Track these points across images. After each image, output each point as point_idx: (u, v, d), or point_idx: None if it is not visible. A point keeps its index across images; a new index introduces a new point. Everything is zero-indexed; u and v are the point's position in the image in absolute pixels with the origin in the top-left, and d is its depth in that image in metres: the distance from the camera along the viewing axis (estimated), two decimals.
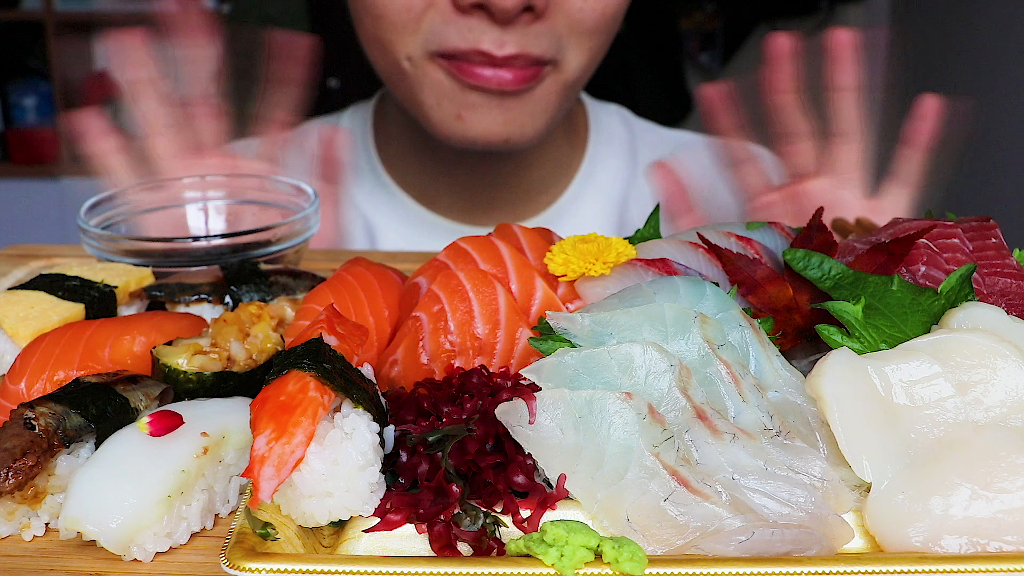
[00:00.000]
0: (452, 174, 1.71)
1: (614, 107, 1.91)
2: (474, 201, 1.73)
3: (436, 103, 1.48)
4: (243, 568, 0.72)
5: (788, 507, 0.78)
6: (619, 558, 0.72)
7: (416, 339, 0.99)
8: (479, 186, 1.72)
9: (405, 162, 1.75)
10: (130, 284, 1.13)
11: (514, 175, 1.71)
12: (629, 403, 0.81)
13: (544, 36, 1.41)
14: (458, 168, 1.70)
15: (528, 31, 1.40)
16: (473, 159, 1.67)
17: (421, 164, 1.73)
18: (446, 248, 1.09)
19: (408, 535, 0.80)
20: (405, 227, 1.74)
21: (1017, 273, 1.01)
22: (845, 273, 0.96)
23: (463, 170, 1.70)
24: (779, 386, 0.89)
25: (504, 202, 1.73)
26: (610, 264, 1.01)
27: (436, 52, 1.42)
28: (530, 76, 1.44)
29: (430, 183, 1.73)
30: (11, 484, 0.80)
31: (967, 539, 0.77)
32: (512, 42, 1.39)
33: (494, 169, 1.69)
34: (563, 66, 1.47)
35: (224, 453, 0.86)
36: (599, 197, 1.77)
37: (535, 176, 1.73)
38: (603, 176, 1.79)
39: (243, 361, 0.97)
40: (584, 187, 1.77)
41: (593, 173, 1.78)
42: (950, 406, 0.84)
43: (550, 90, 1.49)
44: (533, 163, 1.72)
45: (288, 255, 1.30)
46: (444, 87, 1.46)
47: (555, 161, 1.75)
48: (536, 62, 1.42)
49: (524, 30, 1.40)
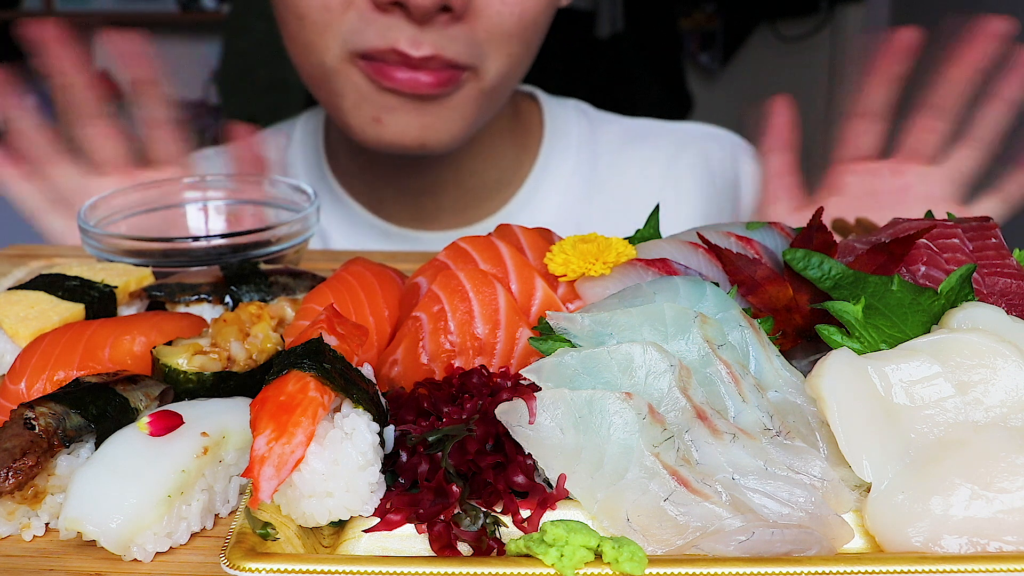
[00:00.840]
0: (395, 180, 1.71)
1: (572, 102, 1.90)
2: (419, 207, 1.73)
3: (354, 105, 1.48)
4: (243, 568, 0.72)
5: (788, 507, 0.78)
6: (619, 558, 0.72)
7: (416, 339, 0.99)
8: (422, 191, 1.72)
9: (351, 169, 1.75)
10: (130, 284, 1.13)
11: (455, 180, 1.71)
12: (629, 403, 0.81)
13: (461, 40, 1.41)
14: (399, 174, 1.70)
15: (445, 33, 1.39)
16: (411, 165, 1.67)
17: (364, 171, 1.73)
18: (446, 248, 1.09)
19: (408, 535, 0.80)
20: (356, 234, 1.74)
21: (1017, 273, 1.01)
22: (845, 273, 0.96)
23: (404, 176, 1.70)
24: (779, 386, 0.89)
25: (450, 206, 1.73)
26: (610, 264, 1.01)
27: (355, 51, 1.42)
28: (446, 80, 1.43)
29: (375, 190, 1.74)
30: (11, 484, 0.80)
31: (967, 539, 0.77)
32: (428, 43, 1.39)
33: (434, 174, 1.69)
34: (482, 73, 1.46)
35: (224, 453, 0.86)
36: (555, 196, 1.77)
37: (480, 180, 1.73)
38: (559, 173, 1.78)
39: (243, 361, 0.97)
40: (539, 186, 1.76)
41: (547, 171, 1.77)
42: (950, 406, 0.84)
43: (468, 96, 1.48)
44: (476, 167, 1.71)
45: (288, 255, 1.30)
46: (362, 90, 1.46)
47: (501, 163, 1.75)
48: (452, 65, 1.42)
49: (441, 31, 1.39)
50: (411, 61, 1.39)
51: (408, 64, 1.40)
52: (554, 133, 1.81)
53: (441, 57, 1.40)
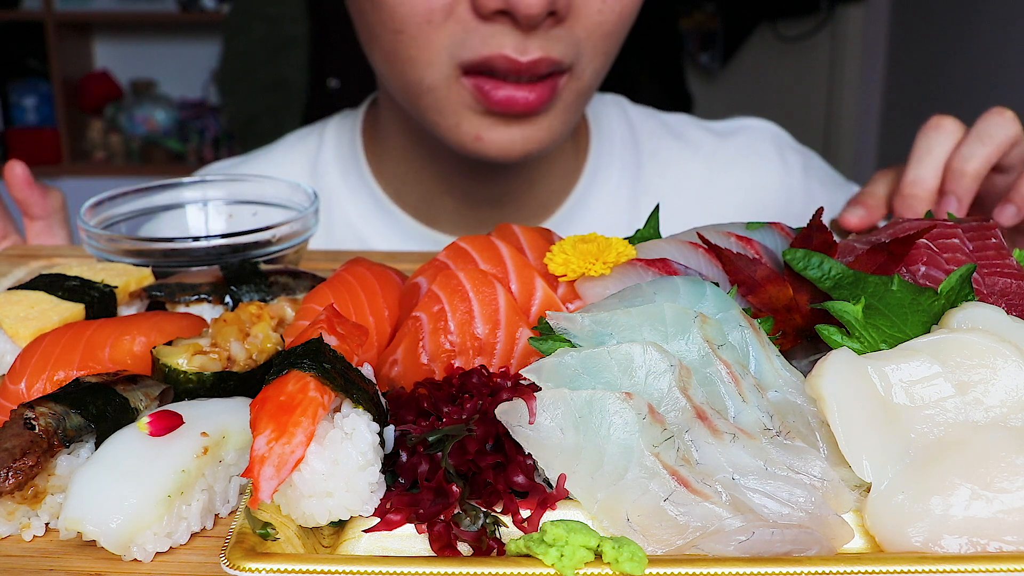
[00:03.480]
0: (458, 189, 1.66)
1: (610, 97, 1.86)
2: (479, 218, 1.68)
3: (455, 125, 1.44)
4: (243, 568, 0.72)
5: (788, 507, 0.78)
6: (619, 558, 0.72)
7: (416, 339, 0.99)
8: (487, 201, 1.67)
9: (402, 177, 1.70)
10: (130, 284, 1.13)
11: (523, 188, 1.66)
12: (629, 403, 0.81)
13: (564, 41, 1.38)
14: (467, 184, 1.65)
15: (550, 35, 1.37)
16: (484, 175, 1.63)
17: (419, 179, 1.68)
18: (446, 248, 1.09)
19: (408, 535, 0.80)
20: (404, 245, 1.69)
21: (1017, 273, 1.01)
22: (845, 273, 0.96)
23: (473, 185, 1.65)
24: (779, 386, 0.89)
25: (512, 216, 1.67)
26: (610, 264, 1.01)
27: (460, 64, 1.38)
28: (548, 95, 1.41)
29: (431, 199, 1.68)
30: (11, 484, 0.80)
31: (967, 539, 0.77)
32: (535, 47, 1.36)
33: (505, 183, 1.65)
34: (578, 72, 1.44)
35: (224, 453, 0.86)
36: (605, 198, 1.74)
37: (545, 187, 1.69)
38: (607, 176, 1.75)
39: (243, 361, 0.97)
40: (589, 189, 1.73)
41: (598, 174, 1.74)
42: (950, 406, 0.84)
43: (568, 101, 1.46)
44: (543, 174, 1.67)
45: (288, 255, 1.30)
46: (464, 109, 1.43)
47: (563, 167, 1.72)
48: (557, 66, 1.39)
49: (546, 34, 1.37)
50: (519, 67, 1.36)
51: (516, 71, 1.37)
52: (599, 132, 1.78)
53: (548, 59, 1.37)
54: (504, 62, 1.36)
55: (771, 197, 1.80)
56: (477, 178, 1.64)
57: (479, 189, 1.66)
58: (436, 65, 1.40)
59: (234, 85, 4.24)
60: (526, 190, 1.67)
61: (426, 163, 1.65)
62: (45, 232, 1.54)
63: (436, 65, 1.40)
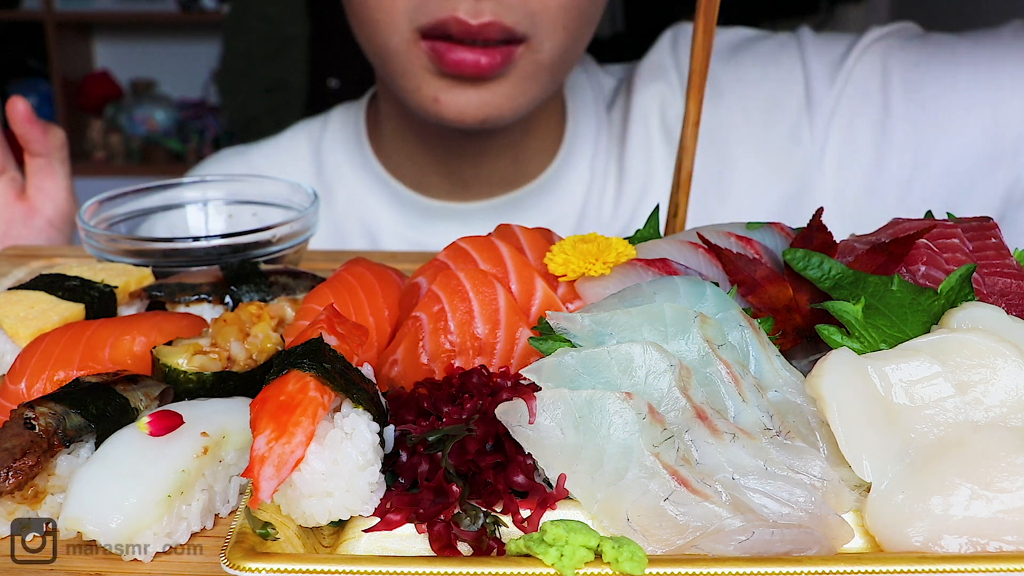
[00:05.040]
0: (439, 148, 1.75)
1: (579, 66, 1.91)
2: (459, 175, 1.76)
3: (415, 87, 1.53)
4: (243, 568, 0.72)
5: (788, 507, 0.78)
6: (619, 558, 0.73)
7: (416, 339, 0.99)
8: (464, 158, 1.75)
9: (399, 153, 1.80)
10: (130, 284, 1.13)
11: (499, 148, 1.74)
12: (629, 403, 0.81)
13: (518, 9, 1.45)
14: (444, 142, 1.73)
15: (503, 2, 1.43)
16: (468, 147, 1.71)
17: (407, 141, 1.77)
18: (446, 248, 1.09)
19: (408, 535, 0.80)
20: (401, 215, 1.78)
21: (1017, 273, 1.01)
22: (845, 273, 0.96)
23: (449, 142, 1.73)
24: (779, 386, 0.89)
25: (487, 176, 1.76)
26: (610, 264, 1.01)
27: (418, 27, 1.46)
28: (502, 60, 1.47)
29: (416, 160, 1.77)
30: (11, 484, 0.80)
31: (967, 539, 0.77)
32: (487, 11, 1.43)
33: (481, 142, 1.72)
34: (535, 44, 1.49)
35: (224, 453, 0.86)
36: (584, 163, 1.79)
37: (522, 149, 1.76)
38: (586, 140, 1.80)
39: (243, 361, 0.97)
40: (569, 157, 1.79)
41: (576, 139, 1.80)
42: (950, 406, 0.84)
43: (525, 71, 1.52)
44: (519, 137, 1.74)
45: (288, 255, 1.30)
46: (423, 72, 1.51)
47: (541, 132, 1.78)
48: (508, 33, 1.45)
49: (499, 1, 1.43)
50: (471, 29, 1.43)
51: (468, 32, 1.43)
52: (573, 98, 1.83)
53: (499, 24, 1.43)
54: (457, 24, 1.43)
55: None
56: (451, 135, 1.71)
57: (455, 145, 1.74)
58: (398, 29, 1.48)
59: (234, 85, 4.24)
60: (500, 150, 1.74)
61: (418, 142, 1.74)
62: (45, 169, 1.58)
63: (398, 29, 1.48)
